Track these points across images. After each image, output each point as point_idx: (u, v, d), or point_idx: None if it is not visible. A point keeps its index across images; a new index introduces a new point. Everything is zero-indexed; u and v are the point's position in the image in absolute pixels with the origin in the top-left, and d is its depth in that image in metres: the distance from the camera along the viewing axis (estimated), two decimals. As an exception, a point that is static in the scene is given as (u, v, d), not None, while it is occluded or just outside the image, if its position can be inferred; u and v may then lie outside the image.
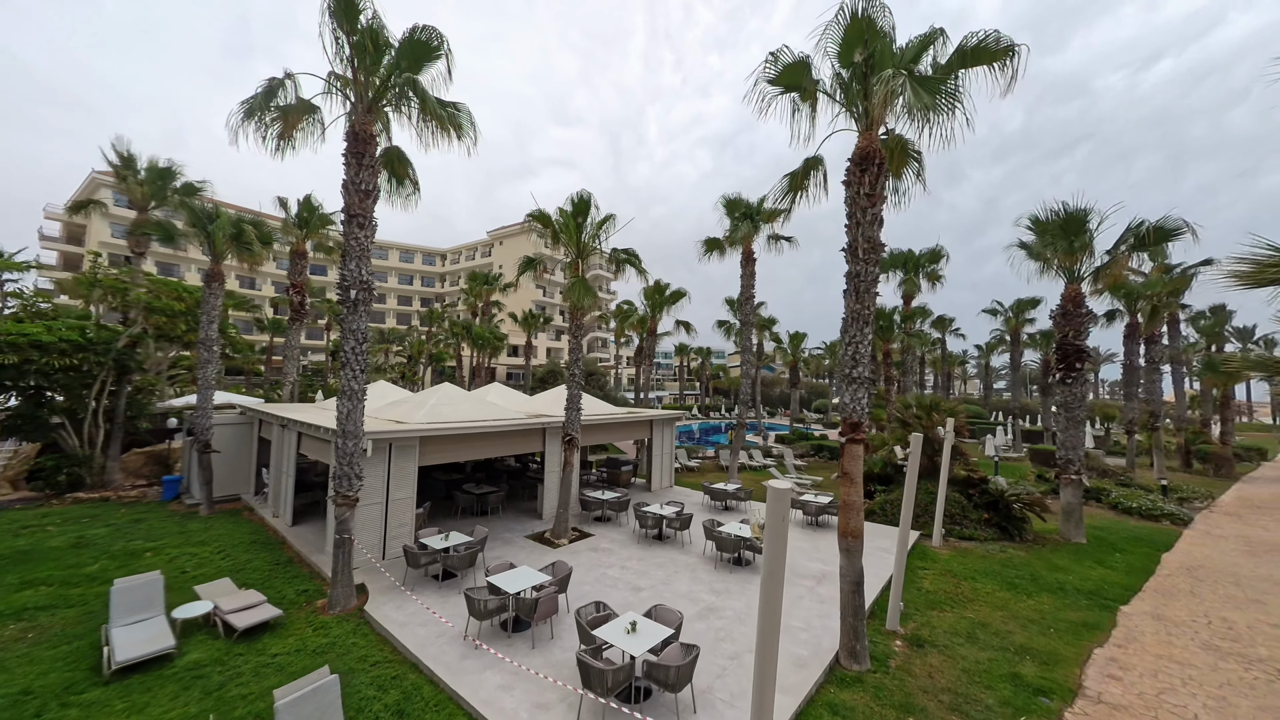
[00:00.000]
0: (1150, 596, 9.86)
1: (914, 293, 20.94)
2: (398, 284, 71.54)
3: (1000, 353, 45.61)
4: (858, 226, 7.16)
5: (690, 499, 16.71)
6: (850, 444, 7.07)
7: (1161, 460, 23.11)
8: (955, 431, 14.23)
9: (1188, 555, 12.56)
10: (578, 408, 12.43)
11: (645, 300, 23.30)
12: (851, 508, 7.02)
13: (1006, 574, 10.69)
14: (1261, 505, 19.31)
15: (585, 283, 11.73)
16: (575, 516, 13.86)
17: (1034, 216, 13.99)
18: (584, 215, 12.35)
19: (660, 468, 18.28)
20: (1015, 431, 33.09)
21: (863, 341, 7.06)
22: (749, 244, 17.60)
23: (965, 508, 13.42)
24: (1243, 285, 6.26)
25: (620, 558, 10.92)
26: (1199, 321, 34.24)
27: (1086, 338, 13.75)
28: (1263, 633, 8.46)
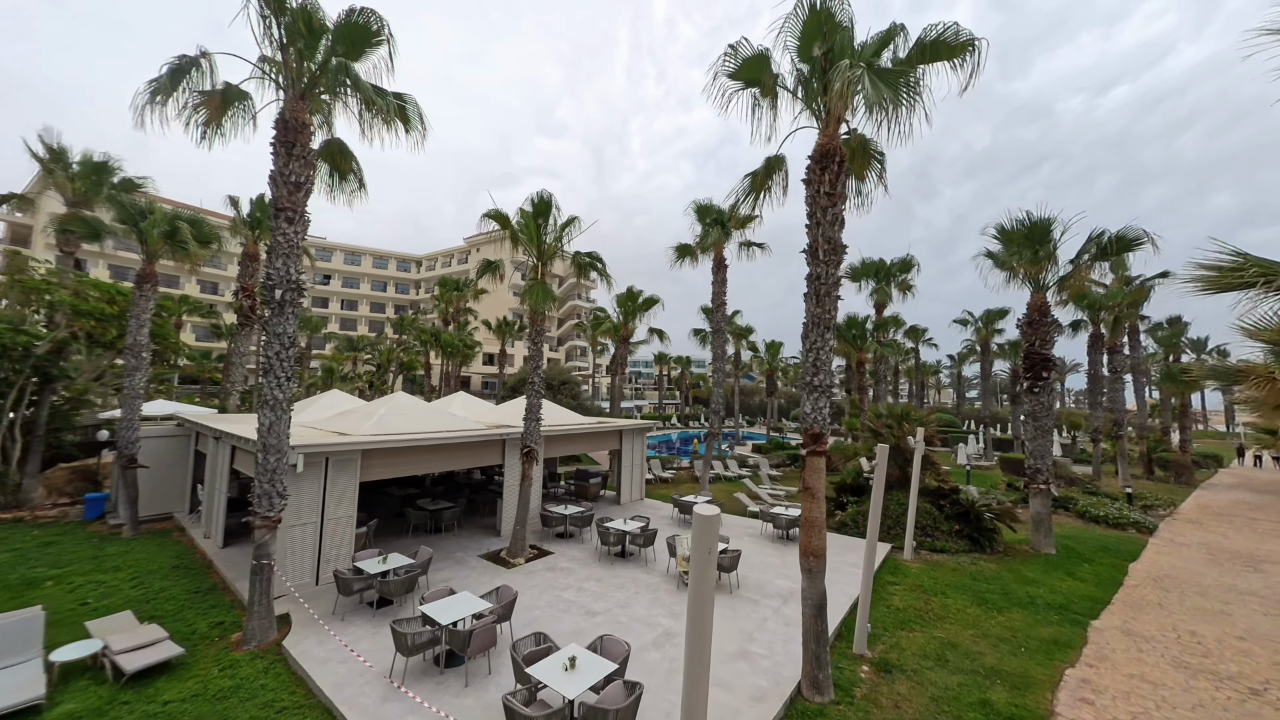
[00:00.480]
0: (1119, 610, 9.64)
1: (886, 302, 20.98)
2: (370, 290, 69.68)
3: (971, 362, 46.51)
4: (818, 227, 6.80)
5: (660, 512, 16.13)
6: (812, 456, 6.63)
7: (1126, 468, 23.50)
8: (926, 441, 14.03)
9: (1154, 565, 12.50)
10: (537, 418, 11.79)
11: (618, 307, 22.85)
12: (814, 525, 6.56)
13: (977, 588, 10.38)
14: (1220, 512, 19.67)
15: (545, 286, 11.17)
16: (535, 533, 13.13)
17: (1000, 226, 14.03)
18: (545, 216, 11.82)
19: (630, 480, 17.66)
20: (986, 440, 33.51)
21: (824, 347, 6.67)
22: (720, 250, 17.31)
23: (937, 519, 13.16)
24: (1206, 290, 6.07)
25: (579, 578, 10.25)
26: (1157, 332, 35.41)
27: (1052, 346, 13.76)
28: (1230, 647, 8.27)
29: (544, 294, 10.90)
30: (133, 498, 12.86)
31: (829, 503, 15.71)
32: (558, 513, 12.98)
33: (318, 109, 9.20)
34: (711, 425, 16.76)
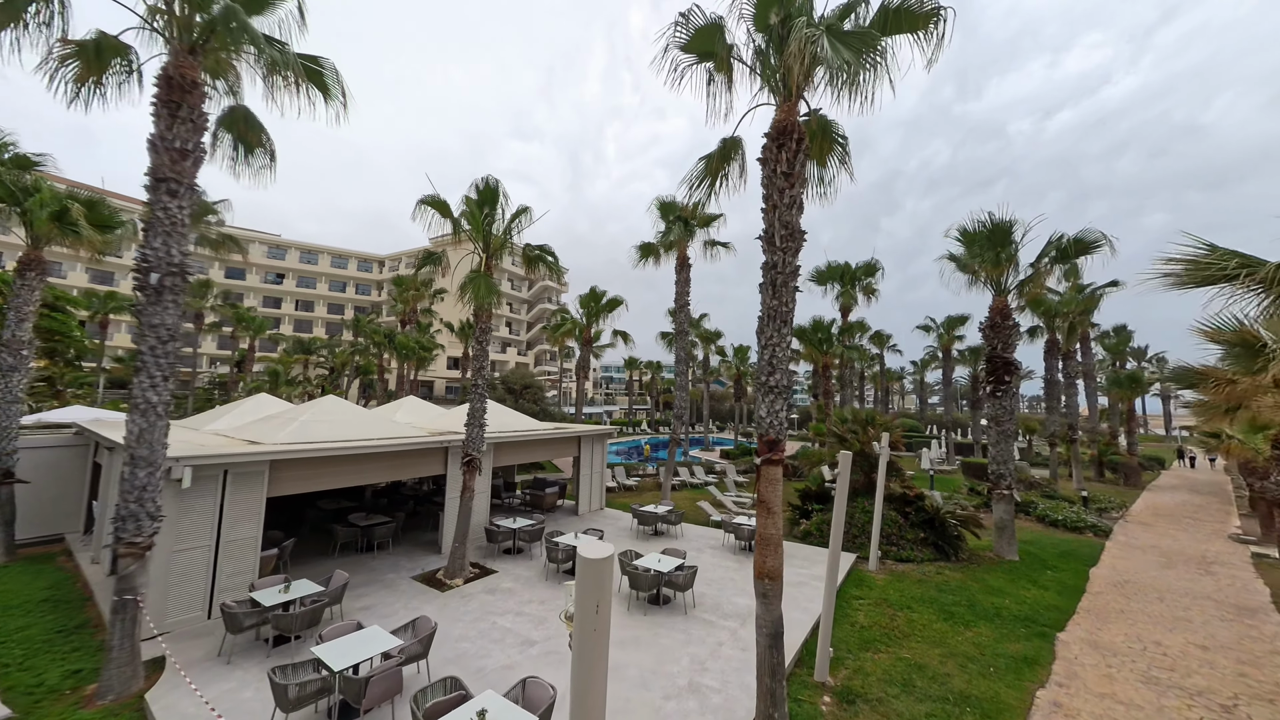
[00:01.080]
0: (1085, 619, 9.34)
1: (851, 305, 20.86)
2: (328, 290, 66.44)
3: (934, 368, 47.57)
4: (774, 210, 6.15)
5: (620, 523, 15.27)
6: (767, 466, 5.93)
7: (1080, 471, 24.04)
8: (891, 446, 13.66)
9: (1113, 569, 12.42)
10: (481, 423, 10.78)
11: (581, 308, 21.97)
12: (769, 543, 5.85)
13: (943, 600, 9.93)
14: (1167, 513, 20.21)
15: (488, 280, 10.22)
16: (480, 550, 12.06)
17: (963, 228, 13.90)
18: (491, 205, 10.89)
19: (590, 489, 16.74)
20: (948, 445, 34.05)
21: (781, 344, 6.00)
22: (683, 250, 16.70)
23: (902, 527, 12.76)
24: (1182, 285, 5.71)
25: (520, 601, 9.27)
26: (1106, 340, 36.93)
27: (1014, 350, 13.66)
28: (1194, 658, 8.01)
29: (487, 288, 9.94)
30: (8, 518, 11.13)
31: (793, 510, 15.19)
32: (505, 527, 11.95)
33: (218, 70, 8.09)
34: (674, 431, 16.05)
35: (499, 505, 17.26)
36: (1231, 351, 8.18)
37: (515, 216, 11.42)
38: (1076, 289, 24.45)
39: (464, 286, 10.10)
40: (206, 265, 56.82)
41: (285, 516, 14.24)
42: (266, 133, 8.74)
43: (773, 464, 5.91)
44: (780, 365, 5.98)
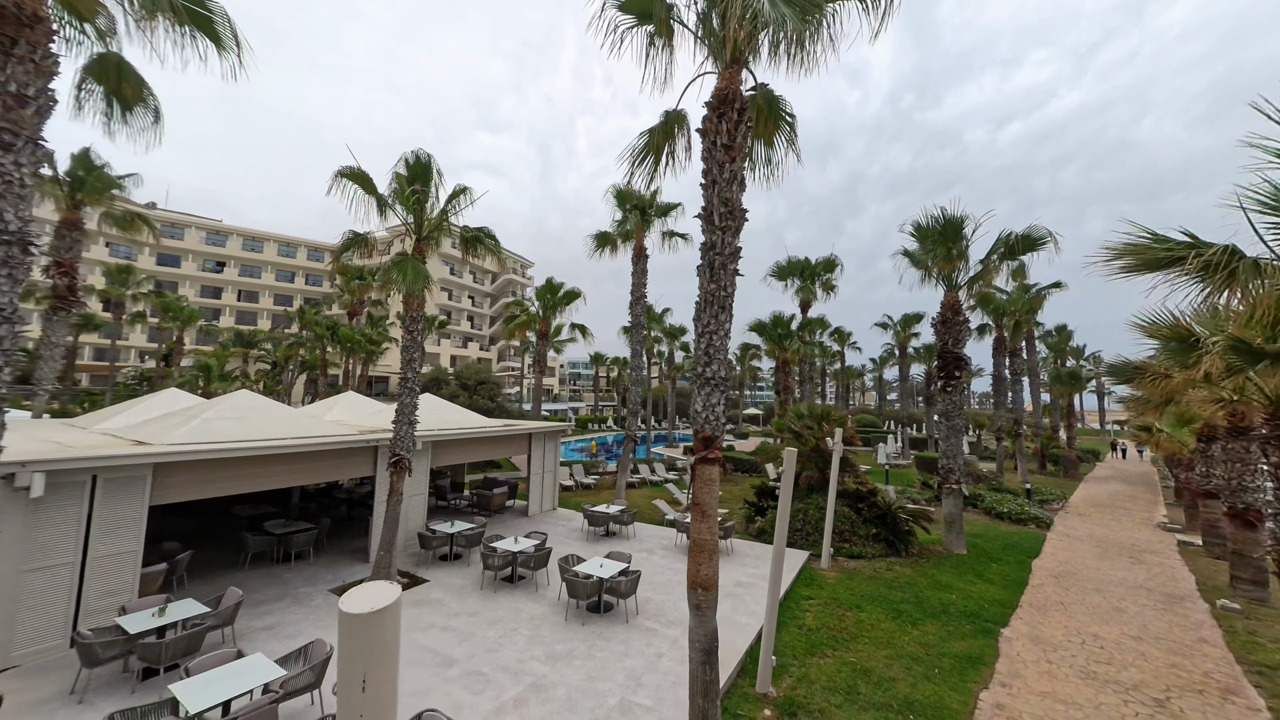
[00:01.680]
0: (1027, 613, 9.35)
1: (811, 301, 20.86)
2: (275, 281, 62.53)
3: (891, 365, 48.93)
4: (713, 186, 5.63)
5: (571, 523, 14.62)
6: (702, 465, 5.42)
7: (1024, 464, 24.96)
8: (846, 441, 13.53)
9: (1053, 560, 12.69)
10: (411, 420, 9.88)
11: (538, 300, 21.10)
12: (703, 550, 5.35)
13: (892, 598, 9.77)
14: (1102, 504, 21.17)
15: (417, 264, 9.32)
16: (412, 557, 11.16)
17: (916, 223, 13.89)
18: (424, 182, 9.97)
19: (541, 488, 16.00)
20: (904, 439, 34.95)
21: (719, 331, 5.49)
22: (641, 240, 16.13)
23: (855, 523, 12.64)
24: (1130, 271, 5.53)
25: (449, 613, 8.51)
26: (1048, 339, 38.73)
27: (964, 345, 13.77)
28: (1129, 649, 8.07)
29: (415, 273, 9.05)
30: None
31: (748, 507, 14.92)
32: (441, 532, 11.10)
33: (82, 11, 6.92)
34: (629, 427, 15.51)
35: (444, 507, 16.30)
36: (1167, 346, 8.25)
37: (453, 197, 10.54)
38: (1023, 289, 25.35)
39: (388, 272, 9.16)
40: (135, 251, 52.53)
41: (192, 525, 12.89)
42: (148, 87, 7.62)
43: (708, 463, 5.41)
44: (718, 355, 5.48)
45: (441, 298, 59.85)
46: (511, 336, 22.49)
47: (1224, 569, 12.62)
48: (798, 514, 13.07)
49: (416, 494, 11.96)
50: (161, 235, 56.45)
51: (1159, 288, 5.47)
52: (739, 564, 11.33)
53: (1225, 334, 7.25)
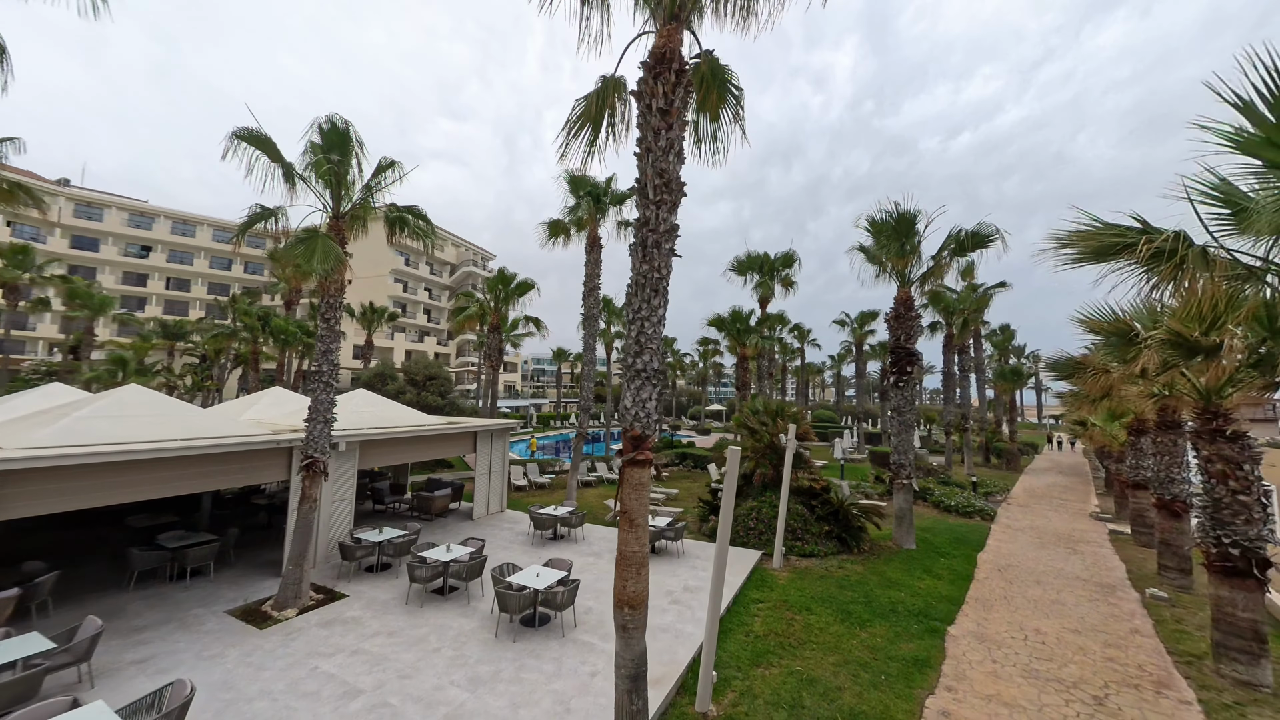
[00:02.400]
0: (973, 609, 9.31)
1: (769, 296, 20.76)
2: (209, 268, 57.91)
3: (849, 362, 50.11)
4: (648, 155, 5.03)
5: (518, 526, 13.84)
6: (630, 468, 4.84)
7: (971, 458, 25.84)
8: (800, 438, 13.30)
9: (997, 553, 12.90)
10: (326, 419, 8.86)
11: (488, 291, 20.00)
12: (630, 563, 4.77)
13: (842, 598, 9.54)
14: (1040, 495, 22.11)
15: (329, 243, 8.28)
16: (333, 569, 10.13)
17: (871, 218, 13.80)
18: (342, 153, 8.93)
19: (488, 490, 15.10)
20: (860, 434, 35.74)
21: (651, 318, 4.91)
22: (594, 228, 15.41)
23: (807, 520, 12.44)
24: (1079, 260, 5.31)
25: (362, 634, 7.61)
26: (993, 337, 40.51)
27: (916, 341, 13.81)
28: (1068, 644, 8.09)
29: (324, 252, 8.01)
30: None
31: (702, 505, 14.54)
32: (367, 540, 10.11)
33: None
34: (580, 424, 14.83)
35: (380, 512, 15.18)
36: (1107, 341, 8.29)
37: (380, 171, 9.54)
38: (971, 288, 26.20)
39: (291, 249, 8.10)
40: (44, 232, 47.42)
41: (72, 539, 11.34)
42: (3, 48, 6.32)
43: (638, 465, 4.83)
44: (650, 344, 4.89)
45: (395, 289, 57.05)
46: (461, 329, 21.30)
47: (1151, 556, 13.19)
48: (750, 513, 12.77)
49: (342, 499, 10.90)
50: (77, 215, 51.17)
51: (1105, 280, 5.28)
52: (689, 567, 10.88)
53: (1163, 328, 7.28)
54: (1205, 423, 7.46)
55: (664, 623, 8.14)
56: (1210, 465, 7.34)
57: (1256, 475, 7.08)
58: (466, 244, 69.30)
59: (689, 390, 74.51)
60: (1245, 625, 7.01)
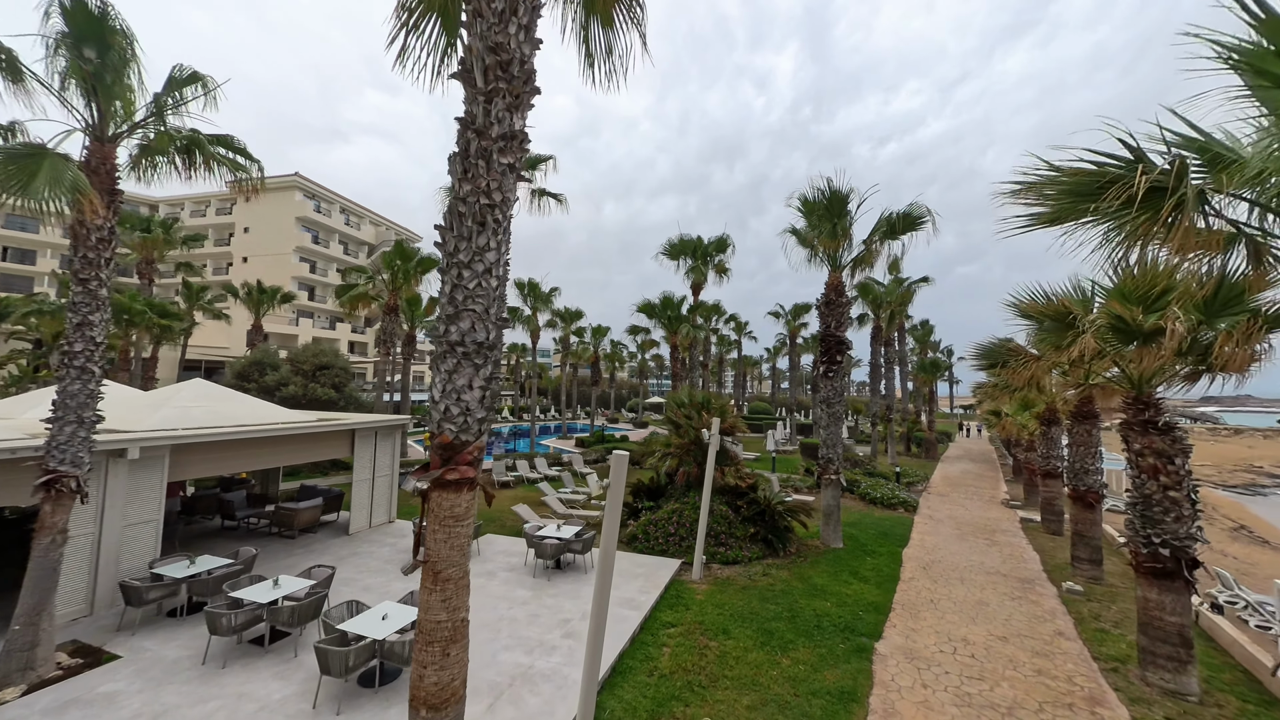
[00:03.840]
0: (900, 618, 8.54)
1: (702, 282, 19.68)
2: (63, 237, 48.75)
3: (784, 354, 50.95)
4: (477, 20, 3.34)
5: (403, 544, 11.72)
6: (439, 492, 3.18)
7: (894, 447, 26.42)
8: (724, 433, 12.17)
9: (921, 547, 12.52)
10: (81, 418, 6.40)
11: (385, 268, 17.28)
12: (433, 640, 3.12)
13: (765, 613, 8.45)
14: (957, 483, 22.83)
15: (59, 164, 5.79)
16: (117, 616, 7.62)
17: (803, 197, 12.89)
18: (98, 48, 6.39)
19: (370, 498, 12.79)
20: (792, 426, 36.08)
21: (474, 264, 3.25)
22: (503, 195, 13.39)
23: (732, 523, 11.36)
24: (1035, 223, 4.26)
25: (125, 715, 5.41)
26: (915, 332, 42.42)
27: (846, 329, 13.12)
28: (998, 655, 7.43)
29: (54, 177, 5.55)
30: None
31: (623, 510, 13.10)
32: (168, 576, 7.69)
33: None
34: (484, 420, 12.92)
35: (230, 530, 12.46)
36: (1041, 326, 7.65)
37: (176, 86, 7.08)
38: (897, 282, 26.70)
39: (3, 166, 5.55)
40: None
41: None
42: None
43: (449, 489, 3.17)
44: (471, 305, 3.24)
45: (301, 269, 50.99)
46: (354, 311, 18.34)
47: (1060, 544, 13.39)
48: (672, 516, 11.49)
49: (141, 522, 8.33)
50: None
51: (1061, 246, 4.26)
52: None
53: (1103, 311, 6.61)
54: (1137, 413, 6.94)
55: (547, 667, 6.58)
56: (1142, 459, 6.82)
57: (1187, 470, 6.62)
58: (388, 222, 63.64)
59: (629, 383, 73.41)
60: (1173, 630, 6.55)
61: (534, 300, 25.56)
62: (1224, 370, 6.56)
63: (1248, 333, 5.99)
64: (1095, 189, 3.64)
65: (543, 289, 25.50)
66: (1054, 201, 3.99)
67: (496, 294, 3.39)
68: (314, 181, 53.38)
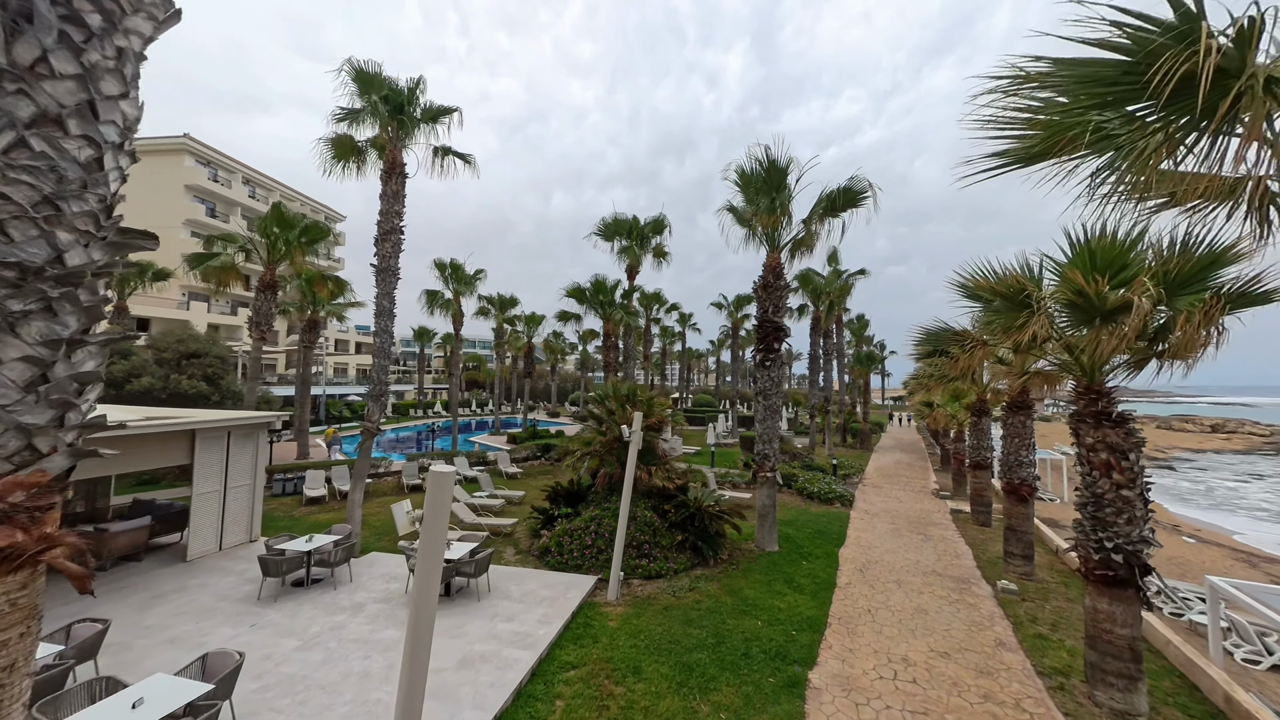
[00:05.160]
0: (836, 637, 7.58)
1: (637, 265, 18.27)
2: None
3: (728, 347, 50.91)
4: None
5: (254, 571, 9.48)
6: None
7: (831, 439, 26.42)
8: (653, 428, 10.85)
9: (858, 547, 11.86)
10: None
11: (260, 235, 14.42)
12: None
13: (687, 640, 7.20)
14: (890, 473, 23.02)
15: None
16: None
17: (740, 168, 11.75)
18: None
19: (220, 515, 10.39)
20: (734, 418, 35.75)
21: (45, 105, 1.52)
22: (395, 150, 11.24)
23: (658, 530, 10.07)
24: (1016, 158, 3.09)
25: None
26: (851, 325, 43.46)
27: (785, 314, 12.15)
28: (941, 678, 6.58)
29: None
30: None
31: (537, 518, 11.49)
32: None
33: None
34: (369, 414, 10.78)
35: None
36: (990, 306, 6.82)
37: None
38: (836, 273, 26.64)
39: None
40: None
41: None
42: None
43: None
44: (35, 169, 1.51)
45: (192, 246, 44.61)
46: (222, 288, 15.17)
47: (990, 536, 13.25)
48: (590, 525, 10.04)
49: None
50: None
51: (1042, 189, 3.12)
52: (490, 613, 7.76)
53: (1064, 284, 5.77)
54: (1089, 404, 6.22)
55: (389, 751, 4.92)
56: (1094, 455, 6.11)
57: (1141, 466, 5.95)
58: (304, 198, 57.41)
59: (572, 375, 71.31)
60: (1123, 644, 5.89)
61: (456, 283, 23.11)
62: (1174, 357, 5.94)
63: (1208, 313, 5.35)
64: (1116, 79, 2.51)
65: (466, 270, 23.10)
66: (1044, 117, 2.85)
67: (95, 178, 1.71)
68: (209, 146, 46.88)
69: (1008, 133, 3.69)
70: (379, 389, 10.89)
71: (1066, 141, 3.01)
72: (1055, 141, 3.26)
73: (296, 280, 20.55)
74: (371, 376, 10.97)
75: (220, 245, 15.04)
